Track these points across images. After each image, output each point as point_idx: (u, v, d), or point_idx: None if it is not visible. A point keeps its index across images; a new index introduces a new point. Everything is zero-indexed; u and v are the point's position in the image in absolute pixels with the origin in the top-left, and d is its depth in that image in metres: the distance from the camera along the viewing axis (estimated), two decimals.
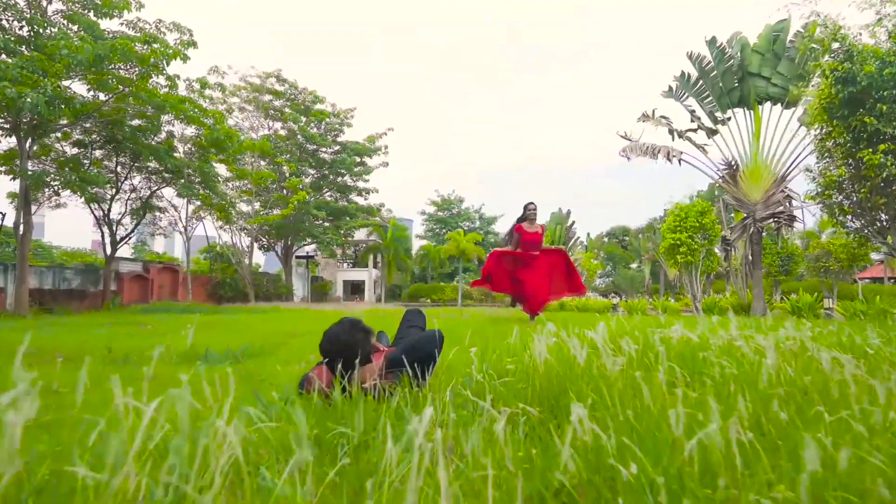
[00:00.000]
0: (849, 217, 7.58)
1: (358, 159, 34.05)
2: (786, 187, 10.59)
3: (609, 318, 10.08)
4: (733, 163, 11.22)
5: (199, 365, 4.37)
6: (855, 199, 7.42)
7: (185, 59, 16.36)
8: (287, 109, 32.23)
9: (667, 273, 36.13)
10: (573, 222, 36.62)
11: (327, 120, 33.15)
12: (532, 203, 7.03)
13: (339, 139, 33.93)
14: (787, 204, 10.38)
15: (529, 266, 6.90)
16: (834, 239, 16.11)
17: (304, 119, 32.61)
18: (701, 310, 10.42)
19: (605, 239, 47.01)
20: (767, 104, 11.10)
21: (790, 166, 10.67)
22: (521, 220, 7.09)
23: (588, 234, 46.03)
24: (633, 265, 52.12)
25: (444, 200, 55.03)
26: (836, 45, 6.85)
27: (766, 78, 10.80)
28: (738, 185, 11.17)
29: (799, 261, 18.78)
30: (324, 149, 33.71)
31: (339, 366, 2.12)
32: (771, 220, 10.66)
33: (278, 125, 33.04)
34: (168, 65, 15.16)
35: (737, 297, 11.19)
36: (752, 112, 11.19)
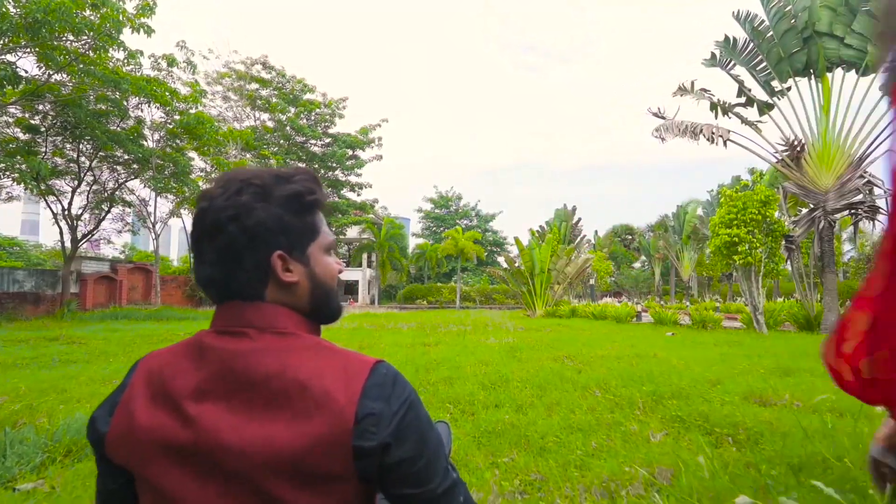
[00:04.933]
0: None
1: (350, 152, 32.18)
2: (865, 171, 8.59)
3: (641, 330, 7.58)
4: (796, 142, 9.21)
5: None
6: None
7: (148, 31, 14.31)
8: (274, 99, 30.32)
9: (679, 273, 34.18)
10: (579, 219, 34.64)
11: (318, 110, 31.25)
12: None
13: (329, 131, 32.00)
14: (868, 192, 8.38)
15: None
16: None
17: (292, 110, 30.73)
18: (764, 324, 8.41)
19: (612, 238, 45.10)
20: (839, 71, 9.10)
21: (870, 146, 8.66)
22: None
23: (595, 233, 44.07)
24: (636, 265, 50.30)
25: (441, 197, 53.09)
26: None
27: (838, 38, 8.78)
28: (802, 169, 9.15)
29: (837, 261, 16.87)
30: (314, 141, 31.81)
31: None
32: (846, 211, 8.66)
33: (265, 116, 31.14)
34: (119, 33, 13.12)
35: (800, 306, 9.19)
36: (819, 80, 9.18)
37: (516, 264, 21.32)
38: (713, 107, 10.07)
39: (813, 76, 9.26)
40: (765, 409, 2.63)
